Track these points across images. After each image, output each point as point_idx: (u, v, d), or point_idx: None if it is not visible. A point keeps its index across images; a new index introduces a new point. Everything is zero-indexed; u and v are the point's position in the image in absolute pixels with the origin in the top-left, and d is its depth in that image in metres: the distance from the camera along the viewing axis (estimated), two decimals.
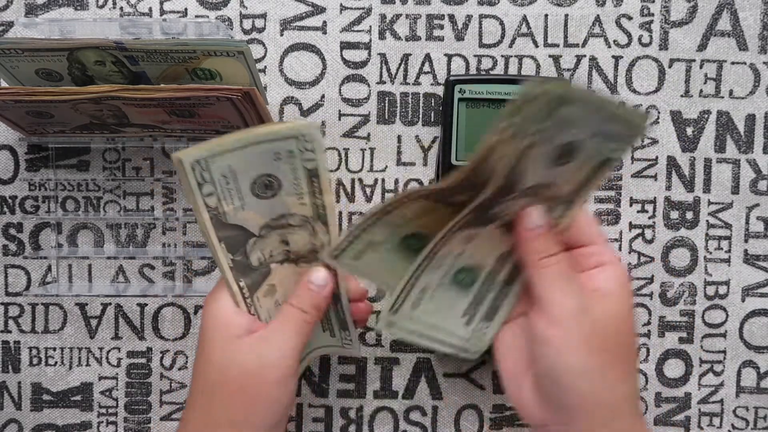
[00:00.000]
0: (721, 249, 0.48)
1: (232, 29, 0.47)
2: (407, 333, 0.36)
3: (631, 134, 0.32)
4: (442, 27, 0.47)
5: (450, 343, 0.37)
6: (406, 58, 0.47)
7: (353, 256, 0.35)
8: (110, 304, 0.48)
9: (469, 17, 0.47)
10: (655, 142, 0.48)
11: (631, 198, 0.48)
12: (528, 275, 0.34)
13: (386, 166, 0.48)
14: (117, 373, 0.48)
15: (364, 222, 0.33)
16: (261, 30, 0.47)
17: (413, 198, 0.33)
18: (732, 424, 0.49)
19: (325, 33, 0.47)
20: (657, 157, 0.48)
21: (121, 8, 0.47)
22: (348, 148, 0.48)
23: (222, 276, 0.36)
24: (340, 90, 0.47)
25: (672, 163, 0.48)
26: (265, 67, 0.47)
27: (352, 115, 0.48)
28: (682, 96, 0.48)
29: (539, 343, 0.33)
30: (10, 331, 0.48)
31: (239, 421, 0.35)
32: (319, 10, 0.47)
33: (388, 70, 0.47)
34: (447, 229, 0.33)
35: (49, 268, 0.48)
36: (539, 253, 0.33)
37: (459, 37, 0.47)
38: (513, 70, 0.47)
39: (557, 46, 0.47)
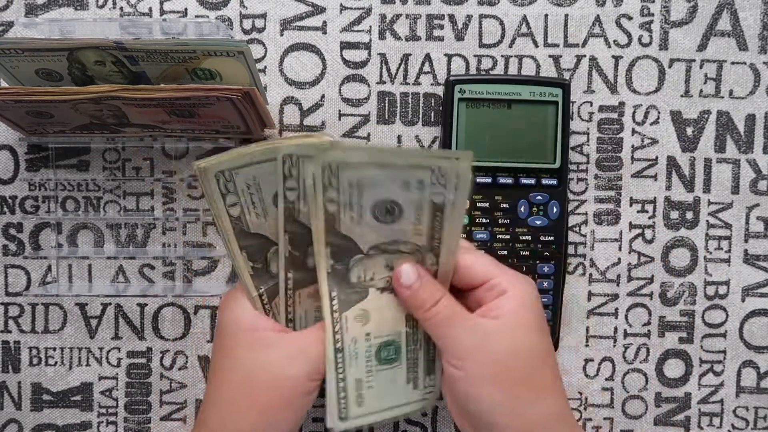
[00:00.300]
0: (721, 249, 0.48)
1: (232, 29, 0.47)
2: (366, 423, 0.36)
3: (443, 177, 0.32)
4: (442, 27, 0.47)
5: (407, 410, 0.38)
6: (406, 58, 0.47)
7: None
8: (110, 304, 0.48)
9: (469, 17, 0.47)
10: (655, 142, 0.48)
11: (631, 198, 0.48)
12: (425, 329, 0.36)
13: None
14: (117, 373, 0.48)
15: None
16: (261, 30, 0.47)
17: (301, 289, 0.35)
18: (732, 424, 0.49)
19: (325, 33, 0.47)
20: (657, 157, 0.48)
21: (121, 8, 0.47)
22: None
23: (241, 282, 0.36)
24: (340, 90, 0.47)
25: (672, 163, 0.48)
26: (265, 67, 0.47)
27: (352, 115, 0.48)
28: (682, 96, 0.48)
29: (450, 384, 0.35)
30: (10, 331, 0.48)
31: (261, 424, 0.35)
32: (319, 10, 0.47)
33: (388, 70, 0.47)
34: (329, 325, 0.34)
35: (49, 268, 0.48)
36: (422, 307, 0.35)
37: (459, 37, 0.47)
38: (513, 70, 0.47)
39: (557, 46, 0.47)
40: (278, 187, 0.33)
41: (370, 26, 0.47)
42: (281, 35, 0.47)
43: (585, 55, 0.47)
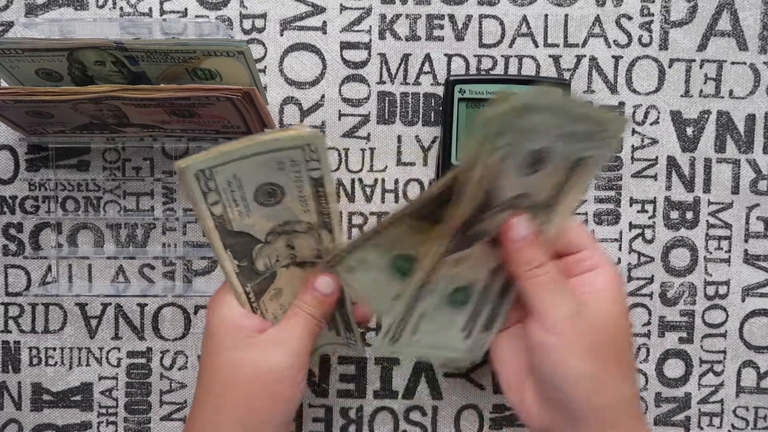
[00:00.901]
0: (721, 249, 0.48)
1: (232, 29, 0.47)
2: (409, 354, 0.37)
3: (602, 132, 0.32)
4: (442, 27, 0.47)
5: (451, 357, 0.38)
6: (406, 58, 0.47)
7: (346, 270, 0.35)
8: (110, 304, 0.48)
9: (469, 17, 0.47)
10: (655, 142, 0.48)
11: (631, 198, 0.48)
12: (520, 286, 0.35)
13: (386, 166, 0.48)
14: (117, 373, 0.48)
15: (357, 241, 0.34)
16: (261, 30, 0.47)
17: (398, 218, 0.33)
18: (732, 424, 0.49)
19: (325, 33, 0.47)
20: (657, 157, 0.48)
21: (121, 8, 0.47)
22: (348, 148, 0.48)
23: (228, 281, 0.36)
24: (340, 90, 0.47)
25: (672, 163, 0.48)
26: (265, 67, 0.47)
27: (352, 115, 0.48)
28: (682, 96, 0.48)
29: (537, 350, 0.34)
30: (10, 331, 0.48)
31: (251, 420, 0.35)
32: (319, 10, 0.47)
33: (388, 70, 0.47)
34: (435, 259, 0.33)
35: (49, 268, 0.48)
36: (528, 264, 0.34)
37: (459, 37, 0.47)
38: (513, 70, 0.47)
39: (557, 46, 0.47)
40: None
41: (370, 26, 0.47)
42: (281, 35, 0.47)
43: (585, 55, 0.47)
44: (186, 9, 0.47)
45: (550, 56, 0.47)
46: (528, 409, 0.35)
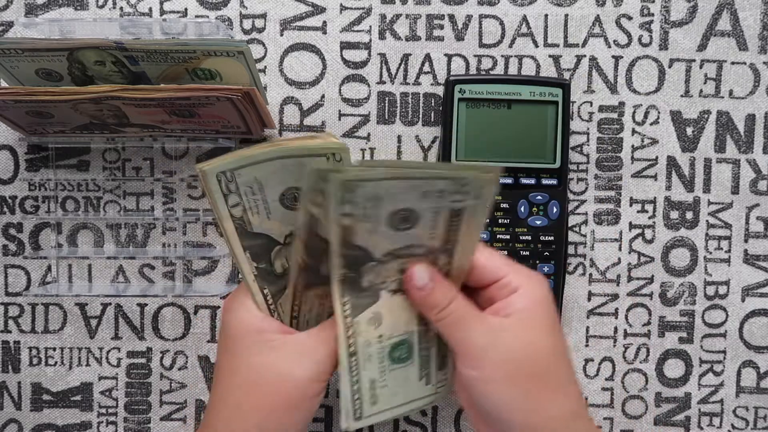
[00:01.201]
0: (721, 249, 0.48)
1: (232, 29, 0.47)
2: (380, 420, 0.37)
3: (465, 187, 0.32)
4: (442, 27, 0.47)
5: (420, 404, 0.38)
6: (406, 58, 0.47)
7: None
8: (110, 304, 0.48)
9: (469, 17, 0.47)
10: (655, 142, 0.48)
11: (631, 198, 0.48)
12: (437, 330, 0.35)
13: None
14: (117, 373, 0.48)
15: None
16: (261, 30, 0.47)
17: (300, 290, 0.34)
18: (732, 424, 0.49)
19: (325, 33, 0.47)
20: (657, 157, 0.48)
21: (121, 8, 0.47)
22: (348, 148, 0.48)
23: (245, 283, 0.36)
24: (340, 90, 0.47)
25: (672, 163, 0.48)
26: (265, 67, 0.47)
27: (352, 115, 0.48)
28: (682, 96, 0.48)
29: (466, 384, 0.35)
30: (10, 331, 0.48)
31: (269, 425, 0.34)
32: (319, 10, 0.47)
33: (388, 70, 0.47)
34: (341, 325, 0.34)
35: (49, 268, 0.48)
36: (435, 308, 0.34)
37: (459, 37, 0.47)
38: (513, 70, 0.47)
39: (557, 46, 0.47)
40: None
41: (370, 26, 0.47)
42: (281, 35, 0.47)
43: (585, 55, 0.47)
44: (186, 9, 0.47)
45: (550, 56, 0.47)
46: None
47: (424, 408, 0.39)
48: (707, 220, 0.48)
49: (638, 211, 0.48)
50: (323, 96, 0.47)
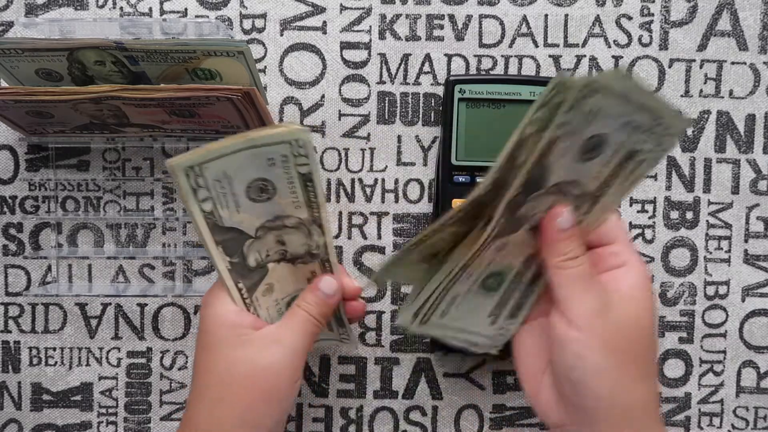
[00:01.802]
0: (721, 249, 0.48)
1: (232, 29, 0.47)
2: (433, 333, 0.37)
3: (661, 128, 0.31)
4: (442, 27, 0.47)
5: (474, 341, 0.38)
6: (406, 58, 0.47)
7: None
8: (110, 304, 0.48)
9: (469, 17, 0.47)
10: None
11: (631, 198, 0.48)
12: (550, 276, 0.34)
13: (386, 166, 0.48)
14: (117, 373, 0.48)
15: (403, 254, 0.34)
16: (261, 30, 0.47)
17: (447, 225, 0.32)
18: (732, 424, 0.49)
19: (325, 33, 0.47)
20: None
21: (121, 8, 0.47)
22: (348, 148, 0.48)
23: (220, 278, 0.36)
24: (340, 90, 0.47)
25: (672, 163, 0.48)
26: (265, 67, 0.47)
27: (352, 115, 0.48)
28: (682, 96, 0.48)
29: (558, 344, 0.33)
30: (10, 331, 0.48)
31: (249, 418, 0.35)
32: (319, 10, 0.47)
33: (388, 70, 0.47)
34: (480, 243, 0.33)
35: (49, 268, 0.48)
36: (563, 255, 0.33)
37: (459, 37, 0.47)
38: (513, 70, 0.47)
39: (557, 46, 0.47)
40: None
41: (370, 26, 0.47)
42: (281, 35, 0.47)
43: (585, 55, 0.47)
44: (186, 9, 0.47)
45: (550, 56, 0.47)
46: (544, 404, 0.35)
47: (471, 348, 0.38)
48: (707, 220, 0.48)
49: (638, 211, 0.48)
50: (323, 96, 0.47)
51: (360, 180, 0.48)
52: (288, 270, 0.38)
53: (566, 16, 0.47)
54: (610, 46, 0.47)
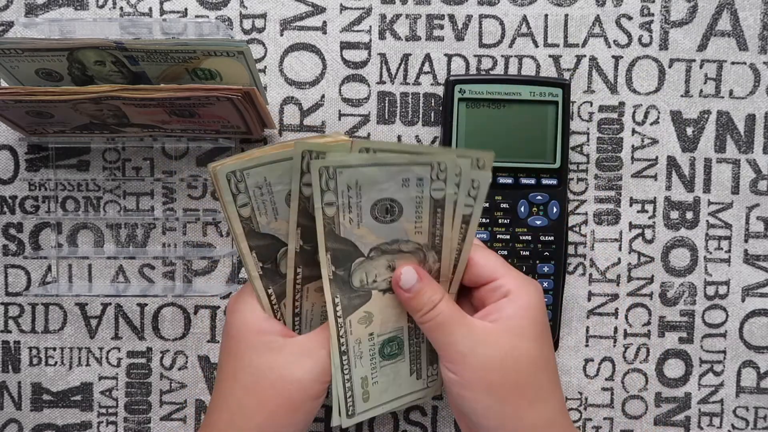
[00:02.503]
0: (721, 249, 0.48)
1: (232, 29, 0.47)
2: (371, 415, 0.37)
3: (451, 172, 0.32)
4: (442, 27, 0.47)
5: (412, 399, 0.39)
6: (406, 58, 0.47)
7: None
8: (110, 304, 0.48)
9: (469, 17, 0.47)
10: (655, 142, 0.48)
11: (631, 198, 0.48)
12: (421, 329, 0.36)
13: None
14: (117, 373, 0.48)
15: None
16: (261, 30, 0.47)
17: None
18: (732, 424, 0.49)
19: (325, 33, 0.47)
20: (657, 157, 0.48)
21: (121, 8, 0.47)
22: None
23: (250, 283, 0.36)
24: (340, 90, 0.47)
25: (672, 163, 0.48)
26: (265, 67, 0.47)
27: (352, 115, 0.48)
28: (682, 96, 0.48)
29: (446, 386, 0.35)
30: (10, 331, 0.48)
31: (270, 427, 0.35)
32: (319, 10, 0.47)
33: (388, 70, 0.47)
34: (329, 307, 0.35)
35: (49, 268, 0.48)
36: (420, 310, 0.35)
37: (459, 37, 0.47)
38: (513, 70, 0.47)
39: (557, 46, 0.47)
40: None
41: (370, 26, 0.47)
42: (281, 35, 0.47)
43: (585, 55, 0.47)
44: (186, 9, 0.47)
45: (550, 56, 0.47)
46: None
47: (417, 403, 0.40)
48: (707, 220, 0.48)
49: (638, 211, 0.48)
50: (323, 96, 0.47)
51: None
52: (392, 302, 0.37)
53: (566, 16, 0.47)
54: (610, 46, 0.47)
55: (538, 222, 0.45)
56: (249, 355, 0.35)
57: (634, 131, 0.48)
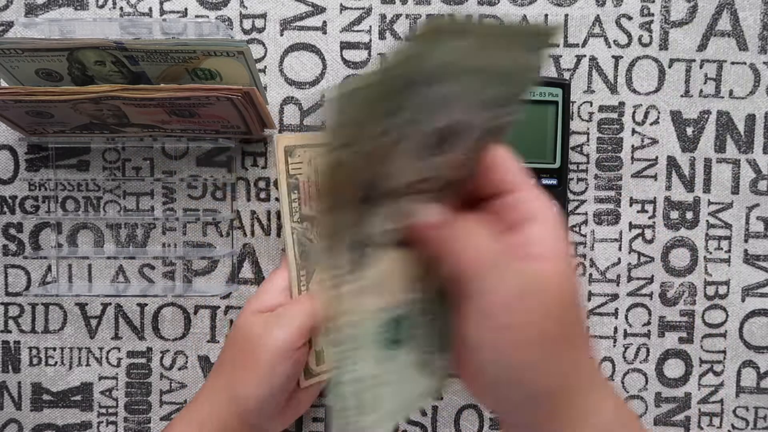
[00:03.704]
0: (721, 249, 0.48)
1: (232, 29, 0.47)
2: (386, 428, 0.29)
3: (520, 83, 0.26)
4: None
5: (423, 402, 0.32)
6: None
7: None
8: (110, 304, 0.48)
9: (469, 17, 0.47)
10: (655, 142, 0.48)
11: (631, 198, 0.48)
12: (449, 271, 0.27)
13: None
14: (117, 373, 0.48)
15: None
16: (261, 30, 0.47)
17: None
18: (732, 424, 0.49)
19: (325, 33, 0.47)
20: (657, 157, 0.48)
21: (121, 8, 0.47)
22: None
23: (285, 263, 0.40)
24: None
25: (672, 163, 0.48)
26: (265, 67, 0.47)
27: None
28: (682, 96, 0.48)
29: (477, 349, 0.27)
30: (10, 331, 0.48)
31: (235, 383, 0.39)
32: (319, 10, 0.47)
33: None
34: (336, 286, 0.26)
35: (49, 268, 0.48)
36: (455, 252, 0.27)
37: None
38: None
39: (557, 46, 0.47)
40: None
41: (370, 26, 0.47)
42: (281, 35, 0.47)
43: (585, 55, 0.47)
44: (186, 9, 0.47)
45: (550, 56, 0.47)
46: (492, 406, 0.31)
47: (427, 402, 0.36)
48: (707, 220, 0.48)
49: (638, 211, 0.48)
50: (323, 96, 0.47)
51: None
52: (401, 264, 0.28)
53: (566, 16, 0.47)
54: (610, 46, 0.47)
55: None
56: (235, 327, 0.41)
57: (634, 131, 0.48)
